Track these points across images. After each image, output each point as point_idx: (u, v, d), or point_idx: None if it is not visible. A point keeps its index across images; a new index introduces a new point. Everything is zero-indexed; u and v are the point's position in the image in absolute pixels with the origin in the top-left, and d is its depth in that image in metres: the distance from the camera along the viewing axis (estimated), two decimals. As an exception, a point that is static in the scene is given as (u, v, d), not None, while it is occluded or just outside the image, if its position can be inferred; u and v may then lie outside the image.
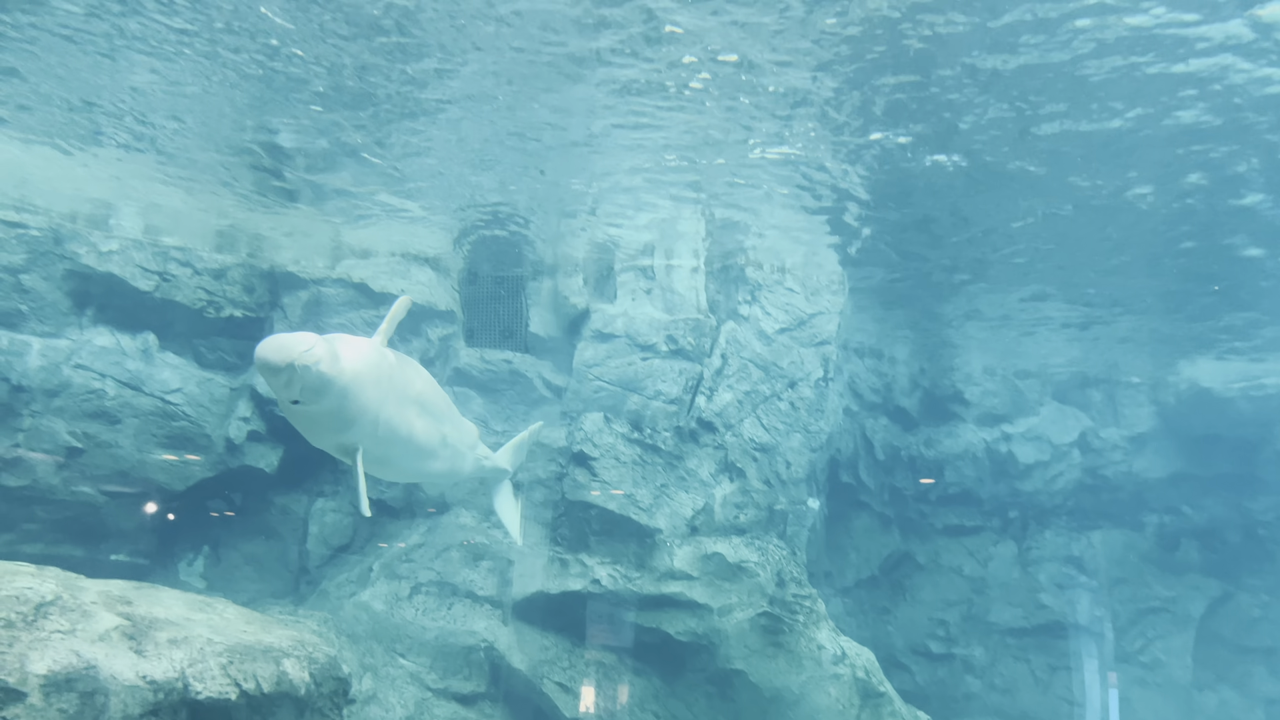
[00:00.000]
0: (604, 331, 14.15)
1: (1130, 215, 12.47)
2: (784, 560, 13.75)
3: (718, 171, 11.85)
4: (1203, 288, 14.73)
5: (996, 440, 17.72)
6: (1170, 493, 18.04)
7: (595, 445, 13.56)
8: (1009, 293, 15.23)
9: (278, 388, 6.06)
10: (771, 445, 14.18)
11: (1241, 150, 10.75)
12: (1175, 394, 17.75)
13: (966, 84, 9.62)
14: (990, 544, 17.88)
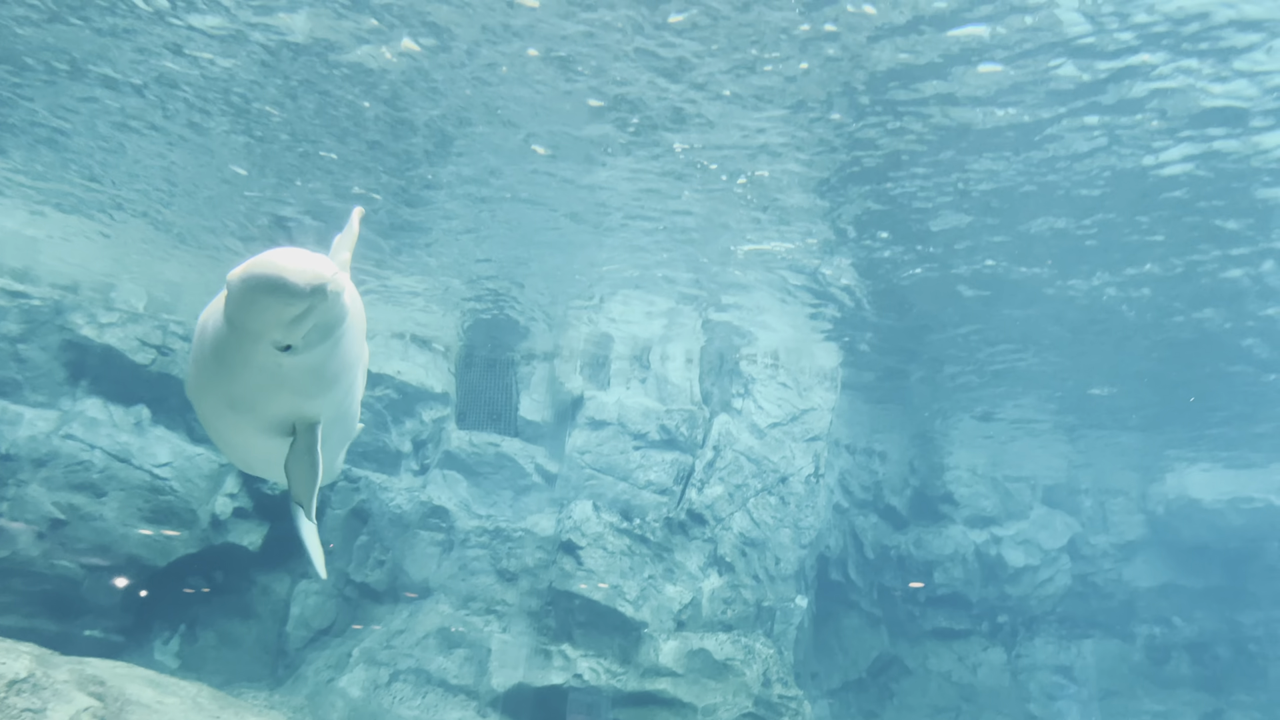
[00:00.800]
0: (597, 418, 14.17)
1: (1117, 325, 12.66)
2: (771, 659, 13.51)
3: (716, 269, 12.04)
4: (1193, 400, 14.87)
5: (986, 542, 17.62)
6: (1161, 603, 17.88)
7: (584, 534, 13.44)
8: (999, 397, 15.34)
9: (279, 324, 4.00)
10: (761, 540, 14.07)
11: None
12: (1164, 503, 17.75)
13: (949, 199, 9.87)
14: (979, 649, 17.61)
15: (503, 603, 13.51)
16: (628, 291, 12.88)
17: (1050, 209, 9.97)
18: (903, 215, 10.37)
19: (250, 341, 4.11)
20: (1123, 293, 11.78)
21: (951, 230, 10.60)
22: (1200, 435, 16.16)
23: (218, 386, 4.42)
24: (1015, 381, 14.73)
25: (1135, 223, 10.17)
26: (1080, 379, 14.46)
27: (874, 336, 13.71)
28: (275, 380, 4.37)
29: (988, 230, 10.50)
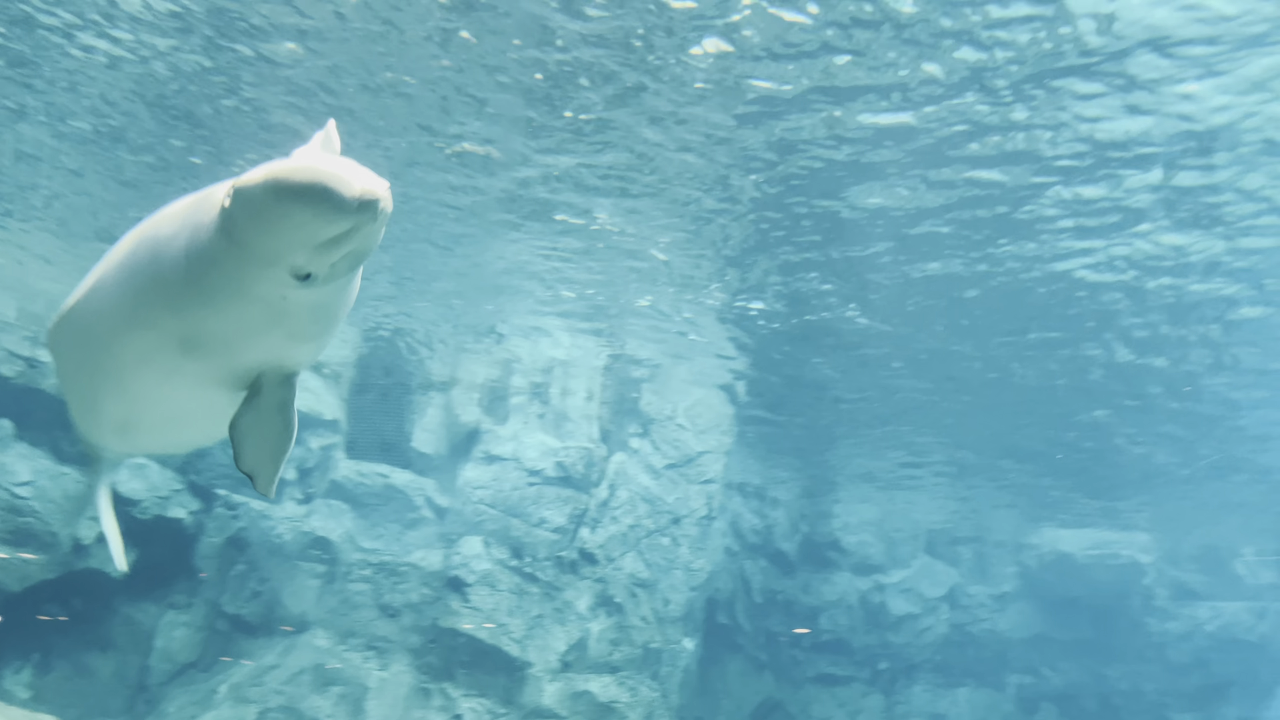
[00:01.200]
0: (493, 453, 13.94)
1: (998, 389, 13.14)
2: (655, 703, 13.43)
3: (617, 312, 12.05)
4: (1067, 459, 15.52)
5: (871, 590, 17.94)
6: (1031, 654, 18.46)
7: (472, 570, 13.16)
8: (887, 449, 15.71)
9: (310, 246, 3.10)
10: (652, 581, 14.02)
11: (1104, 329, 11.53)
12: (1037, 556, 18.40)
13: (838, 268, 10.13)
14: (860, 695, 17.86)
15: (384, 639, 13.09)
16: (530, 326, 12.77)
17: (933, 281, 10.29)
18: (795, 274, 10.57)
19: (259, 266, 3.16)
20: (1013, 355, 12.22)
21: (835, 291, 10.85)
22: (1073, 494, 16.86)
23: (175, 322, 3.43)
24: (902, 436, 15.12)
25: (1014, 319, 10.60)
26: (963, 436, 14.93)
27: (770, 386, 13.90)
28: (271, 317, 3.41)
29: (870, 287, 10.77)
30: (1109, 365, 12.17)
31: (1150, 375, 12.42)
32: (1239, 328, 11.16)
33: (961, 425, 14.61)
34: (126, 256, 3.62)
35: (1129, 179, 8.43)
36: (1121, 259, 9.77)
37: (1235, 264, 9.80)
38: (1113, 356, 11.92)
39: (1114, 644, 18.32)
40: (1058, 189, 8.62)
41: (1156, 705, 18.12)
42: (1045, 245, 9.55)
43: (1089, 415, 13.95)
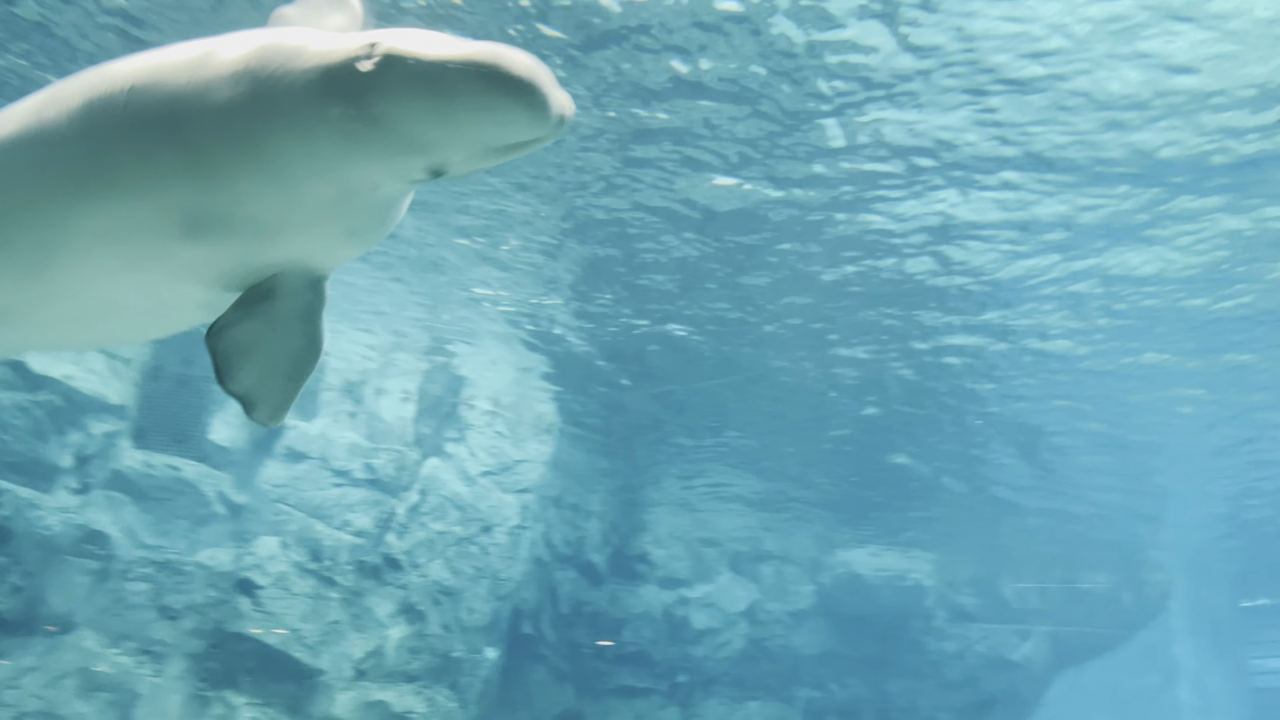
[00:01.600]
0: (297, 450, 13.30)
1: (804, 412, 13.70)
2: (453, 713, 13.18)
3: (441, 309, 11.76)
4: (861, 485, 16.35)
5: (675, 603, 18.26)
6: (820, 669, 19.30)
7: (266, 572, 12.50)
8: (701, 466, 16.07)
9: (499, 145, 2.53)
10: (457, 590, 13.77)
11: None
12: (832, 576, 19.26)
13: (671, 273, 10.30)
14: (658, 708, 18.13)
15: (161, 643, 12.22)
16: (344, 320, 12.28)
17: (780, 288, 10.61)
18: (630, 278, 10.65)
19: (397, 153, 2.49)
20: (824, 373, 12.74)
21: (668, 294, 11.01)
22: (866, 517, 17.78)
23: (197, 191, 2.57)
24: (716, 453, 15.50)
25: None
26: (771, 457, 15.46)
27: (592, 397, 13.94)
28: (345, 208, 2.67)
29: (707, 296, 11.00)
30: (899, 409, 12.90)
31: (935, 424, 13.27)
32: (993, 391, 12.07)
33: (770, 449, 15.12)
34: (98, 87, 2.63)
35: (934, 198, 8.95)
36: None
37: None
38: (898, 404, 12.65)
39: (896, 661, 19.41)
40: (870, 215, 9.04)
41: (928, 719, 19.32)
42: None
43: (888, 454, 14.76)
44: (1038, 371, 12.21)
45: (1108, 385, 12.52)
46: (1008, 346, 11.57)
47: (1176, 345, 11.35)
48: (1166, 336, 11.16)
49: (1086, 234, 9.16)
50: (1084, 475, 15.46)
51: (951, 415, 13.60)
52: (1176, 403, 12.89)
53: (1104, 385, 12.52)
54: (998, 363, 12.09)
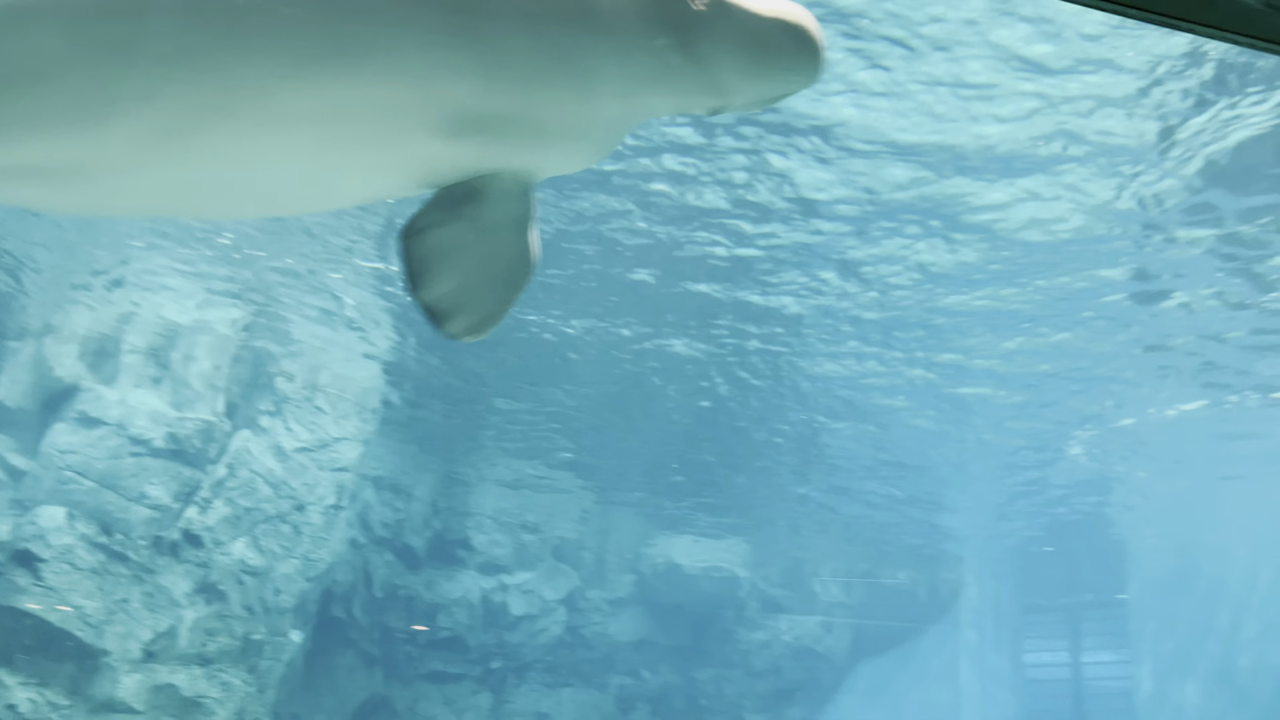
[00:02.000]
0: (91, 415, 12.41)
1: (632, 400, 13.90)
2: (249, 698, 12.64)
3: (265, 272, 11.26)
4: (682, 477, 16.73)
5: (494, 589, 18.15)
6: (635, 657, 19.62)
7: (49, 545, 11.61)
8: (526, 450, 16.03)
9: (779, 95, 2.72)
10: (264, 569, 13.20)
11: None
12: (652, 565, 19.62)
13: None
14: (470, 694, 17.97)
15: (-80, 618, 11.19)
16: (155, 276, 11.56)
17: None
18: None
19: (698, 90, 2.55)
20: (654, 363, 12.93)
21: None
22: (688, 507, 18.20)
23: (491, 89, 2.32)
24: (540, 437, 15.50)
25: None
26: (596, 447, 15.61)
27: (418, 374, 13.67)
28: (603, 123, 2.58)
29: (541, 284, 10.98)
30: (722, 402, 13.28)
31: (750, 415, 13.74)
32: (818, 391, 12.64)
33: (596, 439, 15.24)
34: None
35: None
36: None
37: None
38: (723, 396, 13.03)
39: (707, 650, 19.96)
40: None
41: (734, 706, 19.96)
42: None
43: (709, 448, 15.15)
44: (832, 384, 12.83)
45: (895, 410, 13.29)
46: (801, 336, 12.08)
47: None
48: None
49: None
50: (879, 481, 16.35)
51: (761, 417, 14.10)
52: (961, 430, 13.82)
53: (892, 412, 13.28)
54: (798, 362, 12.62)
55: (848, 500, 17.42)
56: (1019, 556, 19.83)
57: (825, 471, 16.16)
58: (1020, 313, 11.07)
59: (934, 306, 11.06)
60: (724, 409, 13.97)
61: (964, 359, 12.23)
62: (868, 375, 12.88)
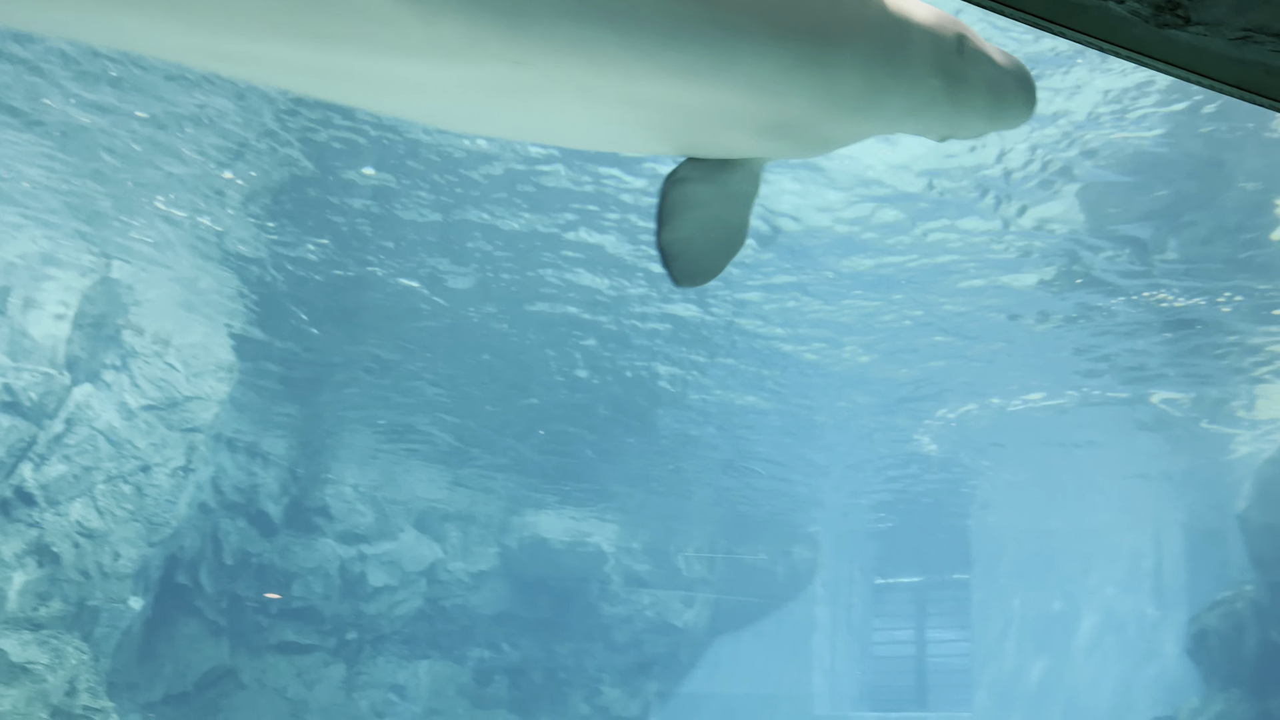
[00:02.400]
0: (-87, 363, 11.47)
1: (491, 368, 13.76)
2: (83, 666, 11.98)
3: (115, 217, 10.58)
4: (553, 450, 16.69)
5: (353, 559, 17.72)
6: (495, 630, 19.53)
7: None
8: (393, 417, 15.66)
9: (996, 130, 3.44)
10: (102, 532, 12.50)
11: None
12: (518, 539, 19.54)
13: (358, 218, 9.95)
14: (322, 665, 17.53)
15: None
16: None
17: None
18: (324, 214, 10.14)
19: (946, 123, 3.16)
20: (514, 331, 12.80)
21: (365, 235, 10.62)
22: (556, 482, 18.18)
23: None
24: (408, 406, 15.18)
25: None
26: (465, 417, 15.39)
27: (281, 336, 13.15)
28: (866, 136, 3.14)
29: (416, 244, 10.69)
30: (588, 380, 13.30)
31: (620, 388, 13.83)
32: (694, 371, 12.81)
33: (465, 408, 15.03)
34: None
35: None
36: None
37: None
38: (585, 373, 13.05)
39: (568, 624, 20.04)
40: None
41: (593, 679, 20.14)
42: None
43: (579, 422, 15.15)
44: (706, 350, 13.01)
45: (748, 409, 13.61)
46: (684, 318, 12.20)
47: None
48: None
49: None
50: (744, 462, 16.72)
51: (632, 392, 14.19)
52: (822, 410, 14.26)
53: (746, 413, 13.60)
54: (677, 341, 12.75)
55: (713, 479, 17.73)
56: (871, 537, 20.63)
57: (692, 450, 16.40)
58: (880, 303, 11.46)
59: (784, 292, 11.33)
60: (590, 387, 13.99)
61: (818, 344, 12.59)
62: (727, 357, 13.12)
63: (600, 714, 20.08)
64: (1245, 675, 13.88)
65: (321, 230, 10.47)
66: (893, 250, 10.37)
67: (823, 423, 15.30)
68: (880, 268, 10.76)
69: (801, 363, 13.22)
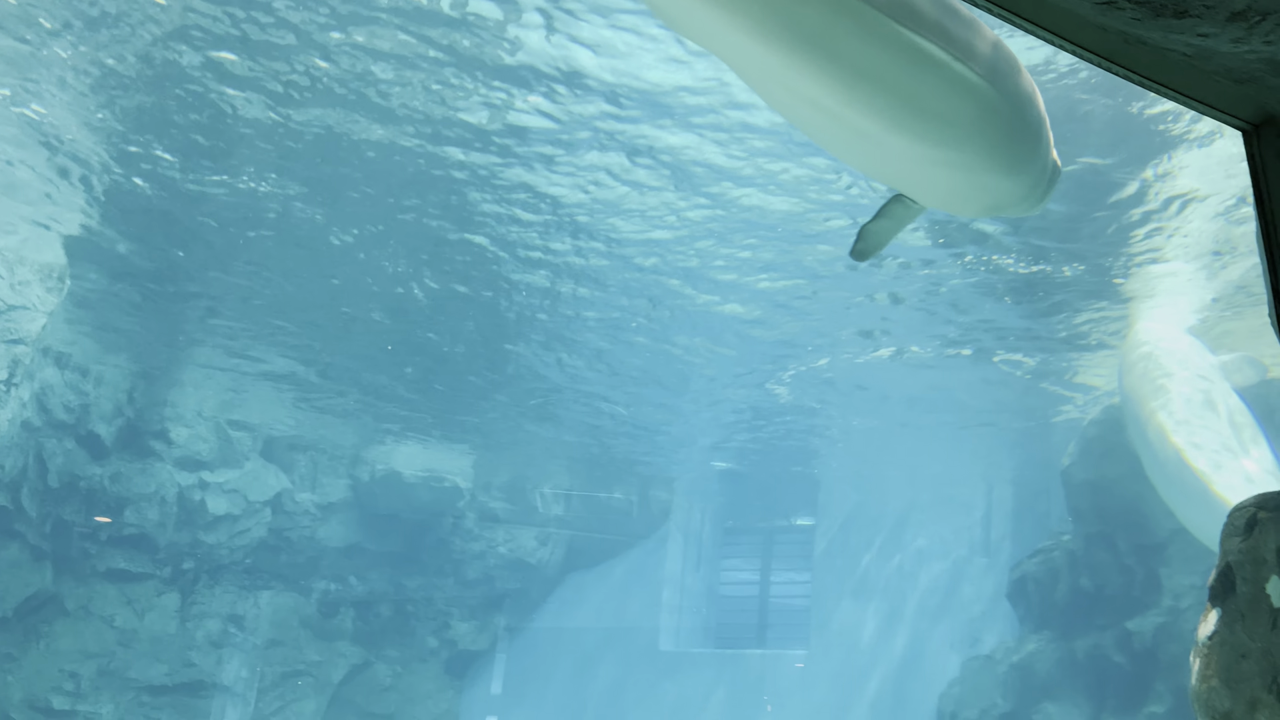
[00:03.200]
0: None
1: (357, 290, 13.30)
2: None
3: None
4: (411, 381, 16.31)
5: (192, 487, 16.97)
6: (343, 562, 19.14)
7: None
8: (243, 342, 14.94)
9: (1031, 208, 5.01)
10: (-93, 447, 11.53)
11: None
12: (371, 471, 19.11)
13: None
14: (154, 594, 16.80)
15: None
16: None
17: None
18: (168, 117, 9.47)
19: (1020, 208, 4.69)
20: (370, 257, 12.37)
21: (217, 150, 10.00)
22: (411, 415, 17.81)
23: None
24: (256, 332, 14.50)
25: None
26: (318, 342, 14.82)
27: (120, 246, 12.28)
28: (985, 205, 4.70)
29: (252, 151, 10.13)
30: (447, 312, 13.00)
31: (485, 316, 13.60)
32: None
33: (318, 333, 14.47)
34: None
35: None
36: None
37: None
38: (450, 294, 12.75)
39: (419, 558, 19.83)
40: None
41: (442, 613, 20.05)
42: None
43: (439, 352, 14.81)
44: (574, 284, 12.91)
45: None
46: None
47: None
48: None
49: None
50: (604, 401, 16.79)
51: (492, 327, 13.98)
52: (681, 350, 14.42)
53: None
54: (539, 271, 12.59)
55: (573, 418, 17.73)
56: (723, 480, 21.14)
57: (549, 389, 16.33)
58: (736, 249, 11.58)
59: (653, 240, 11.32)
60: (449, 320, 13.69)
61: (675, 280, 12.67)
62: (591, 301, 13.06)
63: (448, 647, 20.06)
64: (1056, 618, 14.97)
65: (164, 134, 9.75)
66: (754, 187, 10.44)
67: (680, 369, 15.47)
68: (744, 213, 10.85)
69: (661, 306, 13.27)
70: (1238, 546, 5.07)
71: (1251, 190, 2.79)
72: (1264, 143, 2.80)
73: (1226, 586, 5.08)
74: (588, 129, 9.46)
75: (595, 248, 11.84)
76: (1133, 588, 13.77)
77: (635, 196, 10.66)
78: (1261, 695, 4.75)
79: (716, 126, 9.31)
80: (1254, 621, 4.91)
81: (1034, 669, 14.76)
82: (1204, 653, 5.10)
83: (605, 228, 11.37)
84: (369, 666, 19.17)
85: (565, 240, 11.65)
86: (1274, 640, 4.83)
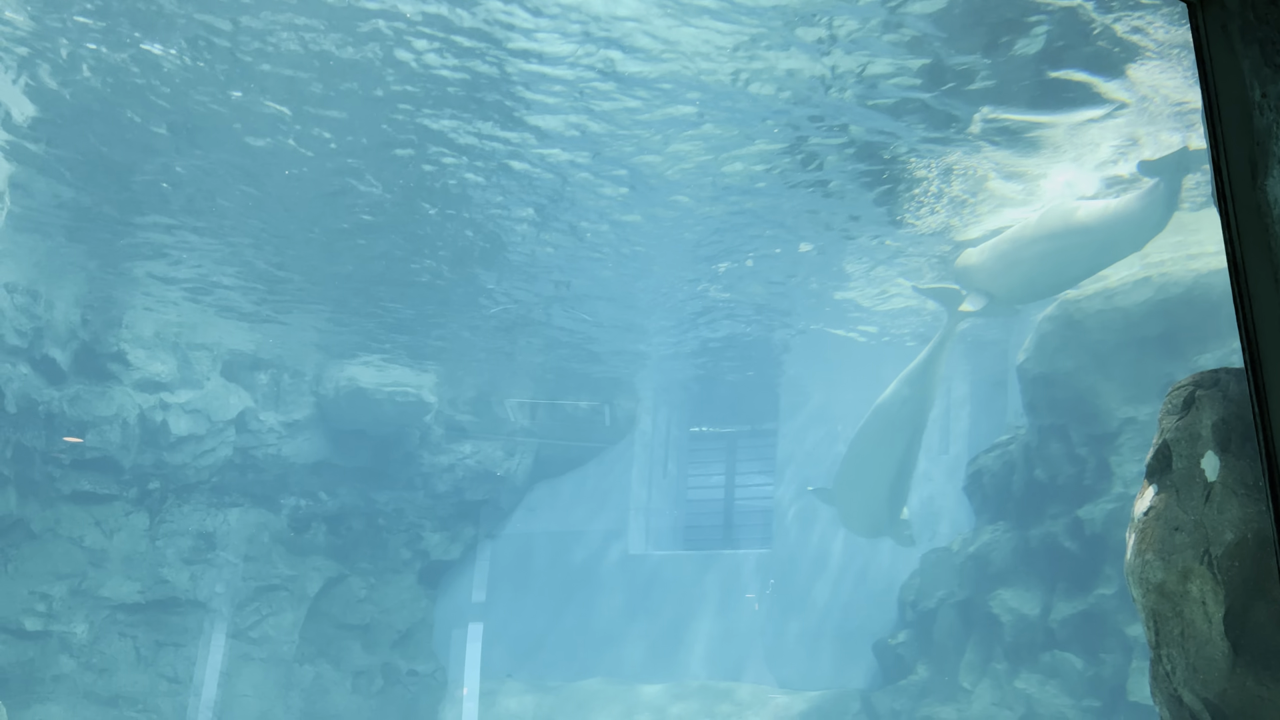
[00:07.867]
0: None
1: (317, 196, 13.07)
2: None
3: None
4: (374, 295, 16.15)
5: (153, 408, 16.85)
6: (312, 479, 19.21)
7: None
8: (194, 255, 14.65)
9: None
10: None
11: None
12: (335, 388, 19.04)
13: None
14: (122, 515, 16.83)
15: None
16: None
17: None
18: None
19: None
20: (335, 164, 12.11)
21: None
22: (379, 329, 17.68)
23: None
24: (210, 247, 14.23)
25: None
26: (279, 252, 14.58)
27: (55, 161, 11.90)
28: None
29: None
30: (407, 221, 12.81)
31: (449, 221, 13.42)
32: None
33: (281, 243, 14.22)
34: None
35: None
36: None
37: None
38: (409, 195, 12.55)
39: (388, 473, 19.94)
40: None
41: (414, 525, 20.29)
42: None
43: (403, 263, 14.64)
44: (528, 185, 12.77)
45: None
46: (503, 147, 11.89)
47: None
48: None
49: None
50: (568, 309, 16.75)
51: (457, 240, 13.82)
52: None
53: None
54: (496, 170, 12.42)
55: (537, 327, 17.70)
56: (691, 385, 21.32)
57: (515, 297, 16.25)
58: (692, 146, 11.47)
59: (614, 135, 11.17)
60: (409, 229, 13.50)
61: (624, 188, 12.57)
62: (551, 205, 12.91)
63: (421, 558, 20.35)
64: (1011, 509, 15.43)
65: (105, 22, 9.37)
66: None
67: (643, 274, 15.43)
68: (701, 117, 10.72)
69: (622, 210, 13.16)
70: (1175, 424, 5.22)
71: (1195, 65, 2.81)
72: (1208, 16, 2.82)
73: (1163, 463, 5.24)
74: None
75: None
76: (1084, 476, 14.19)
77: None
78: (1194, 566, 4.96)
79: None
80: (1188, 496, 5.09)
81: (989, 558, 15.27)
82: (1139, 528, 5.29)
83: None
84: (343, 579, 19.43)
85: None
86: (1207, 513, 5.02)
